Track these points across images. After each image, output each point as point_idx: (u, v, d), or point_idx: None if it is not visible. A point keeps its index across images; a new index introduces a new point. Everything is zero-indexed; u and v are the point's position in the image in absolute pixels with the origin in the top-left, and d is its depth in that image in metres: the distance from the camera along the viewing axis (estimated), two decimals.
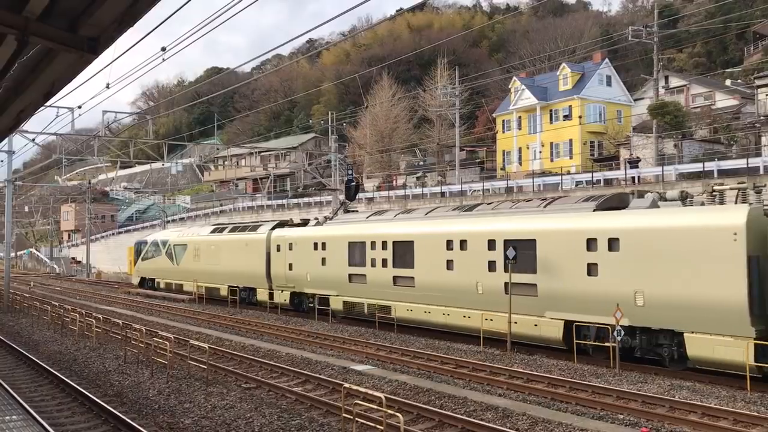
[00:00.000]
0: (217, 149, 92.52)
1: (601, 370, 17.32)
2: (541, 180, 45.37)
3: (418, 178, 60.80)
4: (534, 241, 20.07)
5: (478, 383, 16.35)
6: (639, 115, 53.53)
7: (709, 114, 48.38)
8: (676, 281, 16.57)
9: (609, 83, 58.31)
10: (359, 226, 28.01)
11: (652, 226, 17.39)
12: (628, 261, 17.55)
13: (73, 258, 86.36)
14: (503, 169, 59.49)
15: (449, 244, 22.94)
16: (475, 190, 47.88)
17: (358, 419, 12.10)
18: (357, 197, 45.50)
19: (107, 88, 19.07)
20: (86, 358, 20.61)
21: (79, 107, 26.57)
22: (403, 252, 24.80)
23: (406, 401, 14.04)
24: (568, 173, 46.29)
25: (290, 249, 31.34)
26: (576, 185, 42.15)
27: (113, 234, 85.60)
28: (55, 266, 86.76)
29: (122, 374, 18.01)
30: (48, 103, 10.89)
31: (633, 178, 39.02)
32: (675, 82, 56.81)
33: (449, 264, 22.86)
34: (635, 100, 59.07)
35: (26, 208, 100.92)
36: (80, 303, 38.69)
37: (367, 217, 29.25)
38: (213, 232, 39.62)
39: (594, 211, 19.64)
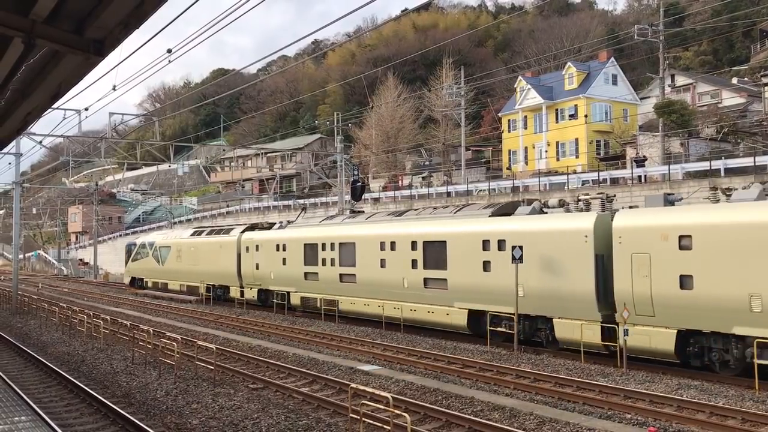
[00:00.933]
0: (224, 150, 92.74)
1: (609, 370, 17.29)
2: (547, 179, 45.26)
3: (423, 178, 60.78)
4: (445, 242, 23.34)
5: (485, 383, 16.34)
6: (645, 113, 53.36)
7: (715, 112, 48.19)
8: (546, 275, 19.82)
9: (615, 82, 58.13)
10: (313, 230, 31.10)
11: (526, 229, 20.73)
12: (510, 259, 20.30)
13: (81, 260, 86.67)
14: (509, 168, 59.39)
15: (382, 245, 26.11)
16: (480, 190, 47.83)
17: (365, 419, 12.10)
18: (363, 197, 45.57)
19: (114, 90, 19.15)
20: (94, 359, 20.69)
21: (86, 109, 26.70)
22: (347, 252, 27.92)
23: (413, 401, 14.04)
24: (574, 172, 46.18)
25: (257, 250, 34.41)
26: (582, 184, 42.03)
27: (120, 235, 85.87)
28: (62, 268, 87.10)
29: (130, 375, 18.07)
30: (55, 106, 10.95)
31: (639, 177, 38.88)
32: (681, 80, 56.63)
33: (383, 262, 26.02)
34: (641, 98, 58.88)
35: (34, 210, 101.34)
36: (88, 304, 38.84)
37: (320, 221, 32.70)
38: (193, 234, 42.86)
39: (489, 216, 22.83)
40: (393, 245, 25.49)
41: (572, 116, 56.17)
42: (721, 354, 16.42)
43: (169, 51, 14.38)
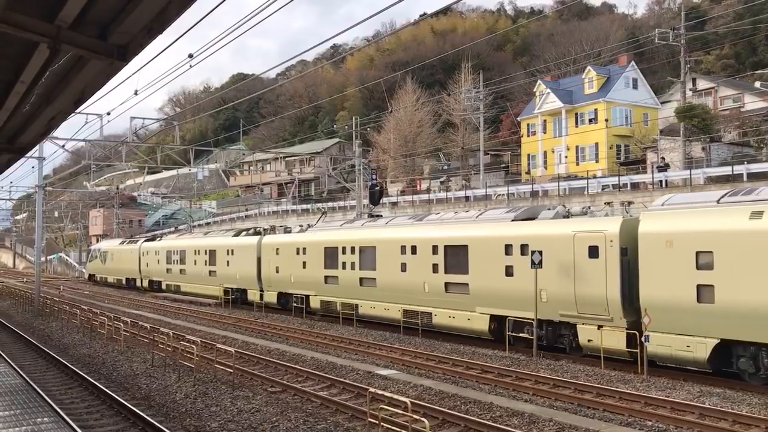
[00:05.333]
0: (243, 154, 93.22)
1: (629, 376, 17.13)
2: (566, 184, 45.00)
3: (442, 182, 60.69)
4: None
5: (504, 389, 16.24)
6: (666, 118, 52.90)
7: (738, 116, 47.65)
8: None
9: (635, 86, 57.73)
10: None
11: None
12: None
13: None
14: (528, 172, 59.15)
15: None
16: (499, 194, 47.66)
17: (384, 424, 12.09)
18: (381, 202, 45.58)
19: (135, 94, 19.33)
20: (114, 362, 20.86)
21: (108, 114, 26.97)
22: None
23: (431, 406, 13.99)
24: (594, 177, 45.88)
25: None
26: (602, 189, 41.75)
27: (141, 239, 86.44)
28: (83, 270, 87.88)
29: (150, 377, 18.19)
30: (77, 110, 11.06)
31: (660, 181, 38.51)
32: (703, 84, 56.07)
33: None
34: (662, 102, 58.40)
35: (56, 214, 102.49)
36: (108, 307, 39.18)
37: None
38: (121, 243, 59.82)
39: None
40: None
41: (592, 120, 55.83)
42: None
43: (191, 56, 14.51)
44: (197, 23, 11.76)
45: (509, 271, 21.53)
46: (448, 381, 17.17)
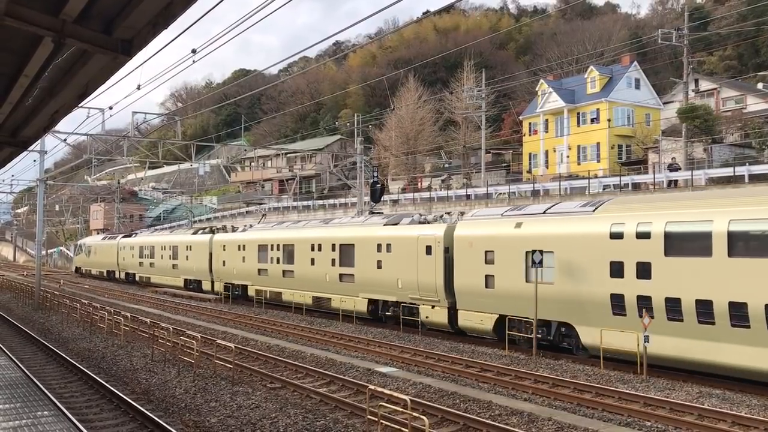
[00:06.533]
0: (244, 150, 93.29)
1: (629, 376, 17.14)
2: (567, 183, 44.98)
3: (443, 180, 60.67)
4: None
5: (503, 387, 16.26)
6: (668, 118, 52.84)
7: (740, 118, 47.58)
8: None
9: (638, 86, 57.65)
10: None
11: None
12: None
13: None
14: (529, 172, 59.10)
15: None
16: (500, 193, 47.64)
17: (383, 421, 12.10)
18: (382, 199, 45.59)
19: (138, 89, 19.31)
20: (114, 356, 20.89)
21: (110, 108, 26.91)
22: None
23: (430, 404, 14.01)
24: (596, 176, 45.85)
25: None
26: (603, 189, 41.73)
27: (141, 233, 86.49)
28: None
29: (149, 372, 18.21)
30: (80, 104, 11.05)
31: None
32: (705, 85, 55.97)
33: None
34: (664, 103, 58.30)
35: (57, 207, 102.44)
36: (108, 301, 39.23)
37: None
38: (102, 239, 65.45)
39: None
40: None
41: (594, 120, 55.78)
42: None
43: (194, 51, 14.48)
44: (200, 18, 11.74)
45: (380, 265, 27.30)
46: (447, 379, 17.19)
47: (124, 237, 59.61)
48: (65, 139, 38.16)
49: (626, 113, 56.04)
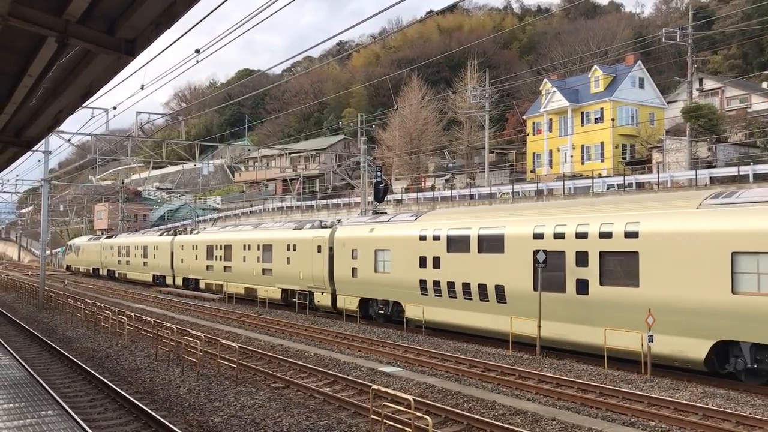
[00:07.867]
0: (248, 150, 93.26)
1: (632, 376, 17.10)
2: (571, 183, 44.91)
3: (446, 180, 60.62)
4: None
5: (507, 387, 16.24)
6: (672, 118, 52.73)
7: (744, 117, 47.45)
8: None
9: (642, 86, 57.52)
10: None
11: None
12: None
13: None
14: (533, 171, 59.02)
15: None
16: (504, 193, 47.60)
17: (387, 421, 12.09)
18: (386, 199, 45.57)
19: (142, 89, 19.33)
20: (118, 356, 20.92)
21: (114, 108, 26.94)
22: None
23: (434, 404, 14.00)
24: (600, 176, 45.77)
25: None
26: (608, 188, 41.66)
27: (145, 233, 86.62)
28: None
29: (153, 372, 18.24)
30: (84, 104, 11.07)
31: (666, 182, 38.34)
32: (709, 84, 55.87)
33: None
34: (668, 102, 58.20)
35: (61, 207, 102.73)
36: (112, 301, 39.30)
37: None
38: (89, 240, 71.48)
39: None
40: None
41: (598, 119, 55.68)
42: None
43: (197, 51, 14.49)
44: (204, 18, 11.74)
45: (289, 261, 33.89)
46: (451, 379, 17.17)
47: (106, 238, 65.69)
48: (69, 139, 38.19)
49: (630, 113, 55.91)
